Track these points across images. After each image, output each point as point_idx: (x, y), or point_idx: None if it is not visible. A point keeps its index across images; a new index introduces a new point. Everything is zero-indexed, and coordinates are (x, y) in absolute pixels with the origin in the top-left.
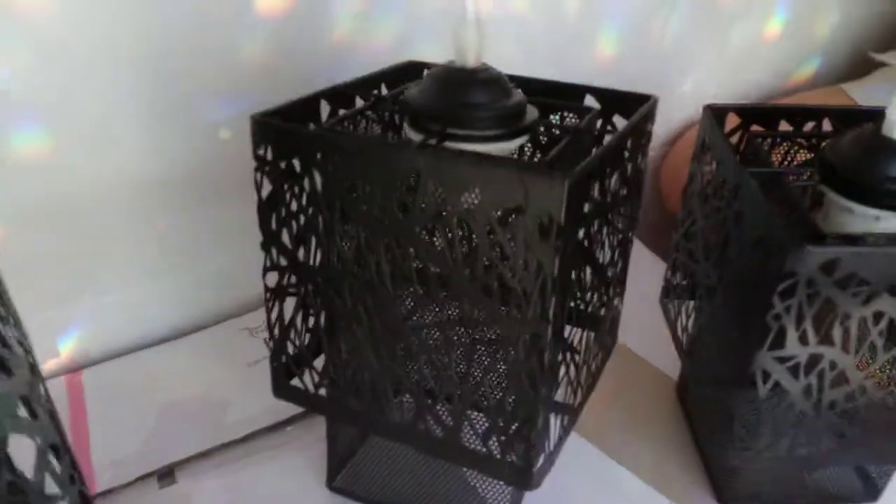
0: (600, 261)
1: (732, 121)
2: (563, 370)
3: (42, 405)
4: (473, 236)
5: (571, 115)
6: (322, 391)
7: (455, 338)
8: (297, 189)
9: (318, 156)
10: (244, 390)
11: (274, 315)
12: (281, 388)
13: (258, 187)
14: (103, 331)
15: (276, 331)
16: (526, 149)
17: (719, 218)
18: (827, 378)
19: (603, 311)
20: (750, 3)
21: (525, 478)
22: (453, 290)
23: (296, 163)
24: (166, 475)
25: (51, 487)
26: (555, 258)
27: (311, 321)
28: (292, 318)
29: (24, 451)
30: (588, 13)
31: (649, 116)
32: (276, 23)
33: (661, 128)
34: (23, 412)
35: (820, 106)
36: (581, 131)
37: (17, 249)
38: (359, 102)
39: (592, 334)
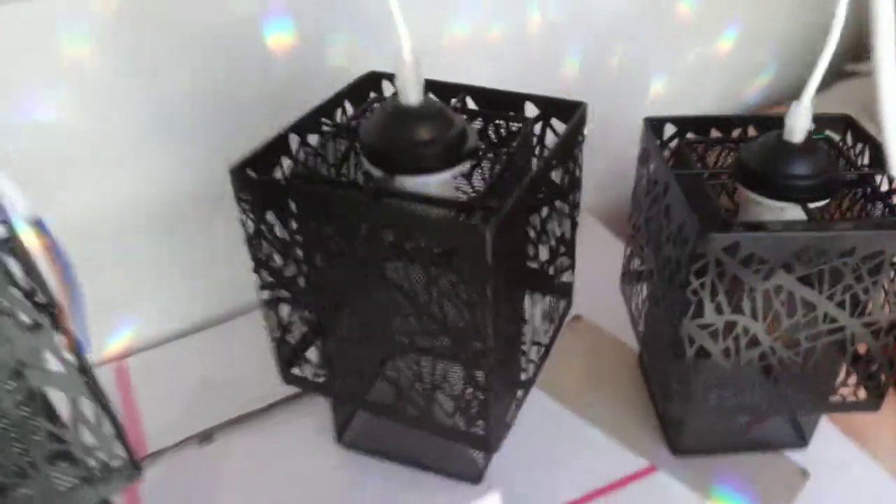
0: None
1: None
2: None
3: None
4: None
5: (512, 123)
6: (320, 379)
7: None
8: (275, 227)
9: (288, 202)
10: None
11: (271, 321)
12: (287, 377)
13: (243, 224)
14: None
15: (276, 333)
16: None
17: (655, 211)
18: (742, 341)
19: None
20: (702, 20)
21: (486, 444)
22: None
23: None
24: (206, 438)
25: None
26: (486, 289)
27: (303, 323)
28: (287, 322)
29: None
30: (553, 37)
31: (580, 123)
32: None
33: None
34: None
35: (742, 115)
36: (513, 155)
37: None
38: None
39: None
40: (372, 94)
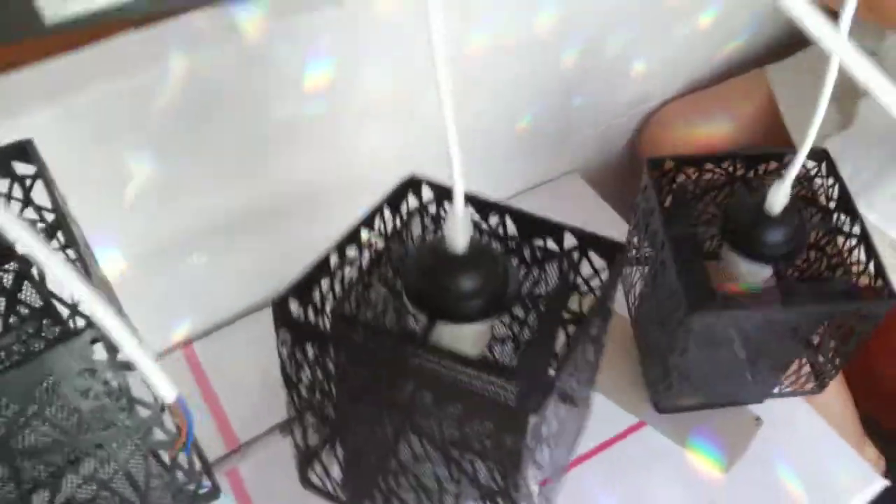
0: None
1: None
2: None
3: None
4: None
5: (551, 244)
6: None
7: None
8: (311, 361)
9: (327, 345)
10: None
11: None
12: (304, 483)
13: (279, 350)
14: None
15: (300, 445)
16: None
17: (653, 254)
18: (720, 365)
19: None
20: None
21: None
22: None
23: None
24: (285, 429)
25: None
26: (521, 456)
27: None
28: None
29: None
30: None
31: (619, 271)
32: None
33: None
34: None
35: (733, 151)
36: (549, 310)
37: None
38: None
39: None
40: (412, 201)
